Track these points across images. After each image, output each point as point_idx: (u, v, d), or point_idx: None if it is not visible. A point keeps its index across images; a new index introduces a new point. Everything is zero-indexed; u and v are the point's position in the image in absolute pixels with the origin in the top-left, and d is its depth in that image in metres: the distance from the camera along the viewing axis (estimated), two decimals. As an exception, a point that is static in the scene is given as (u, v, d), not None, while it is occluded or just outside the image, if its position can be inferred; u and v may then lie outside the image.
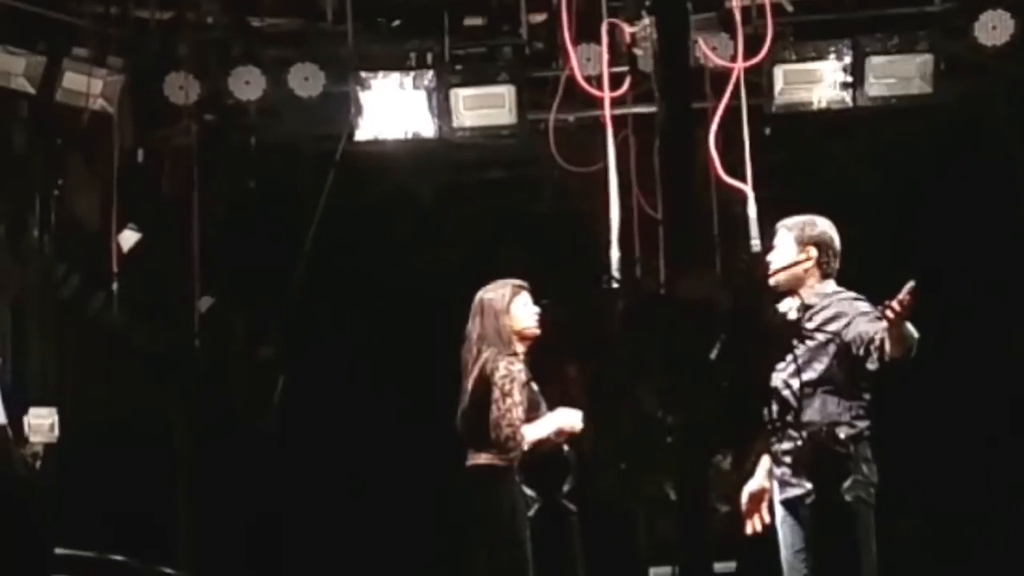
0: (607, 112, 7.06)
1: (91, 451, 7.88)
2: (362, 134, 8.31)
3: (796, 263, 5.81)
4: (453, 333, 6.39)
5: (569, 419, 6.10)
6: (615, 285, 4.33)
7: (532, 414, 6.21)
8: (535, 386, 6.29)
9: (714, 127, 6.82)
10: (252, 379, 8.97)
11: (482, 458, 6.10)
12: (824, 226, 5.99)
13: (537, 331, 6.19)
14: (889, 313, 5.06)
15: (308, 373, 9.03)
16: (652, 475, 4.36)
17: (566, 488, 4.28)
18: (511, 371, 6.17)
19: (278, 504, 8.95)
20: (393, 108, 8.29)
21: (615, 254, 6.83)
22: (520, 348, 6.29)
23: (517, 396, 6.11)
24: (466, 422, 6.24)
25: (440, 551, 6.49)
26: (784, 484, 6.11)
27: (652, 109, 7.89)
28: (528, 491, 4.29)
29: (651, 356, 4.23)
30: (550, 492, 4.27)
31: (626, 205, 7.72)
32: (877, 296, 5.40)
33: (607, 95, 7.14)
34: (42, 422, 7.56)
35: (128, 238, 8.58)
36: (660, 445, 4.33)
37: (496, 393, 6.13)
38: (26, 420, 7.57)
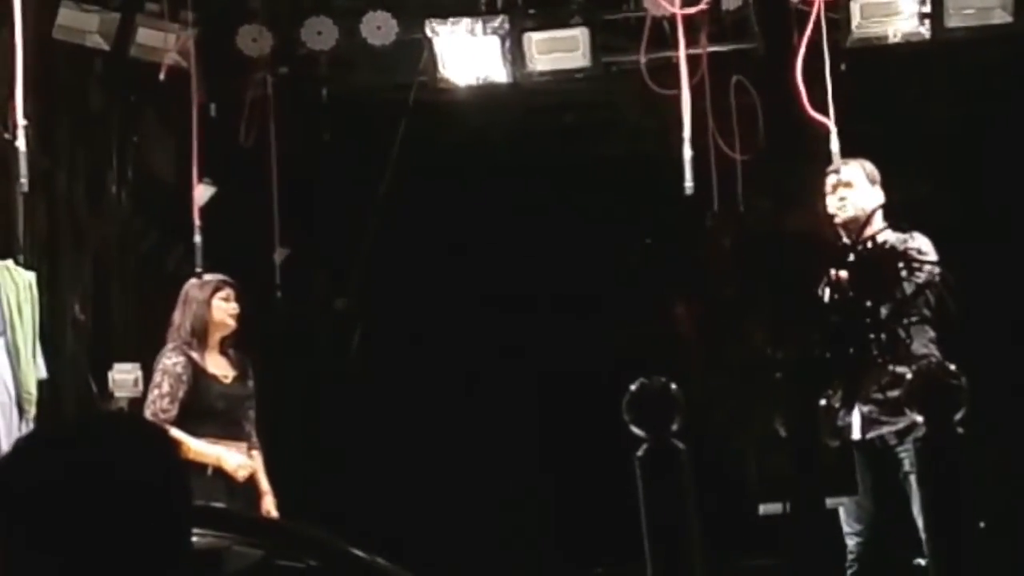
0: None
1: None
2: (435, 82, 8.27)
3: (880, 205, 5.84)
4: (529, 281, 6.37)
5: (231, 463, 6.57)
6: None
7: (197, 408, 6.62)
8: (225, 379, 6.72)
9: (799, 62, 6.76)
10: (332, 330, 8.98)
11: None
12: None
13: (232, 326, 6.78)
14: None
15: (385, 322, 9.03)
16: (762, 412, 4.35)
17: (675, 427, 4.26)
18: (166, 365, 6.68)
19: (355, 452, 8.96)
20: (466, 54, 8.24)
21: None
22: (214, 341, 6.76)
23: (165, 388, 6.61)
24: None
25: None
26: (872, 423, 6.08)
27: (727, 48, 7.97)
28: (637, 430, 4.28)
29: (760, 292, 4.20)
30: (659, 430, 4.26)
31: (702, 144, 7.69)
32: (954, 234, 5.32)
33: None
34: (126, 377, 7.63)
35: (203, 193, 8.59)
36: (769, 381, 4.31)
37: (151, 384, 6.72)
38: (110, 376, 7.64)
